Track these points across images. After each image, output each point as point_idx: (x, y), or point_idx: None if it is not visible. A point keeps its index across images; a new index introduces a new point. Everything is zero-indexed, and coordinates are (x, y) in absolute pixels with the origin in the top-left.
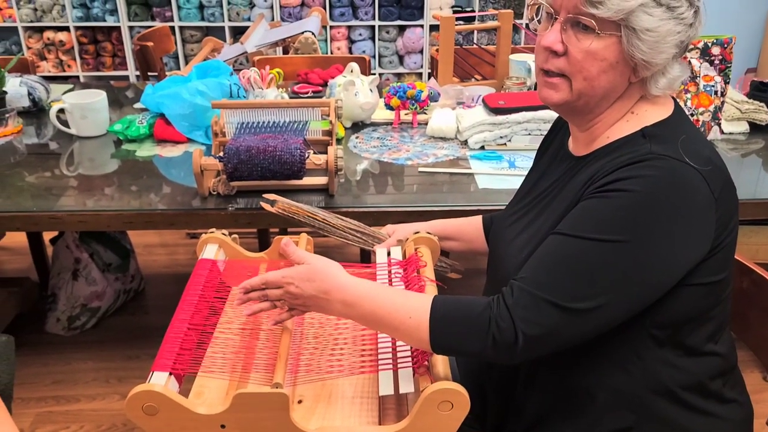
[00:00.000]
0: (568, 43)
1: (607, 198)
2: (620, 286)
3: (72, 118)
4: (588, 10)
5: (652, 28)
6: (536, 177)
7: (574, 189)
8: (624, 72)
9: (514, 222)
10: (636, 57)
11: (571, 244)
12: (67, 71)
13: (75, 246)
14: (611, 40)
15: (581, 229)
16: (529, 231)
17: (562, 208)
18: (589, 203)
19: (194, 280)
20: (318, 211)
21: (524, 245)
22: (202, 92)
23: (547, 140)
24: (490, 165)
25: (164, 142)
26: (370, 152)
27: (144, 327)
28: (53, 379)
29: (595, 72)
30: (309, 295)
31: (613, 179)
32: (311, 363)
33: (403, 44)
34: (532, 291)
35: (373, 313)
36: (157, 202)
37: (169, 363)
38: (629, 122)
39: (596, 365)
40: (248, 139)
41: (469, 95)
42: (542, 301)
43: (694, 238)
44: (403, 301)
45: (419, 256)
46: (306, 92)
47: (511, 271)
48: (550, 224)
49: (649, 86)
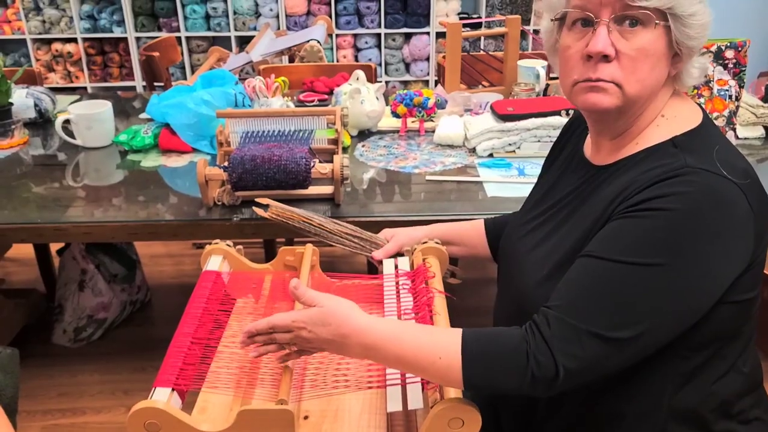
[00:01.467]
0: (617, 45)
1: (643, 218)
2: (662, 310)
3: (77, 128)
4: (636, 3)
5: (695, 12)
6: (548, 184)
7: (601, 203)
8: (667, 65)
9: (529, 232)
10: (684, 45)
11: (608, 269)
12: (75, 82)
13: (81, 257)
14: (660, 31)
15: (618, 252)
16: (548, 244)
17: (587, 224)
18: (623, 223)
19: (198, 292)
20: (313, 216)
21: (544, 259)
22: (207, 102)
23: (558, 145)
24: (499, 173)
25: (169, 152)
26: (376, 161)
27: (150, 338)
28: (59, 391)
29: (647, 70)
30: (324, 339)
31: (648, 197)
32: (317, 378)
33: (410, 52)
34: (570, 322)
35: (397, 356)
36: (163, 212)
37: (171, 378)
38: (659, 127)
39: (625, 390)
40: (253, 149)
41: (476, 102)
42: (583, 333)
43: (735, 255)
44: (429, 339)
45: (427, 267)
46: (312, 101)
47: (528, 284)
48: (575, 239)
49: (684, 78)
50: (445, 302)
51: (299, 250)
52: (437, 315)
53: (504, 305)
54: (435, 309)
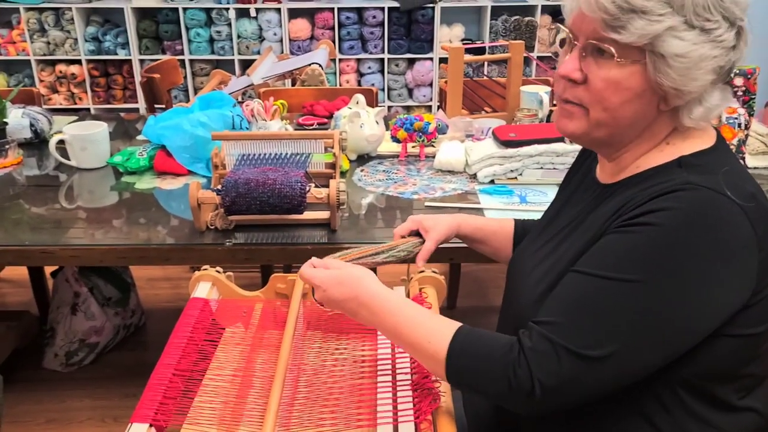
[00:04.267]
0: (587, 71)
1: (630, 233)
2: (637, 331)
3: (72, 149)
4: (608, 35)
5: (683, 54)
6: (559, 205)
7: (599, 220)
8: (651, 100)
9: (534, 252)
10: (664, 85)
11: (588, 284)
12: (78, 104)
13: (74, 280)
14: (634, 68)
15: (599, 266)
16: (547, 262)
17: (584, 240)
18: (612, 238)
19: (184, 320)
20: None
21: (541, 278)
22: (204, 123)
23: (574, 168)
24: (500, 200)
25: (164, 175)
26: (375, 186)
27: (143, 364)
28: (47, 417)
29: (617, 102)
30: (338, 299)
31: (641, 212)
32: (302, 414)
33: (413, 77)
34: (548, 336)
35: (394, 328)
36: (155, 236)
37: (150, 413)
38: (663, 152)
39: (622, 419)
40: (247, 172)
41: (478, 127)
42: (559, 348)
43: (732, 281)
44: (426, 322)
45: (424, 298)
46: (311, 124)
47: (525, 303)
48: (571, 256)
49: (682, 116)
50: None
51: (291, 277)
52: None
53: (504, 322)
54: None
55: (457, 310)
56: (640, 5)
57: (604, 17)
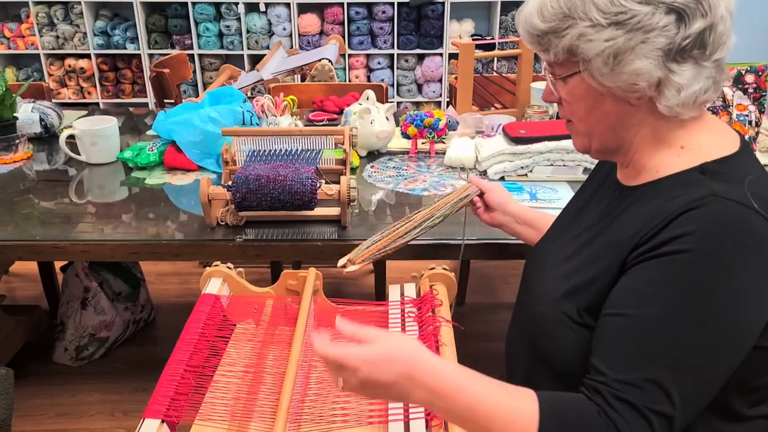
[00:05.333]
0: (555, 92)
1: (666, 264)
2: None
3: (82, 144)
4: (545, 57)
5: (600, 52)
6: (581, 204)
7: (624, 232)
8: (617, 101)
9: (557, 248)
10: (609, 85)
11: (640, 327)
12: (87, 98)
13: (84, 274)
14: (578, 78)
15: (642, 305)
16: (571, 264)
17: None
18: (647, 272)
19: (195, 316)
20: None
21: (564, 278)
22: (214, 119)
23: (596, 168)
24: None
25: (174, 170)
26: (385, 182)
27: (153, 358)
28: (57, 411)
29: (584, 111)
30: (385, 382)
31: (669, 237)
32: (314, 411)
33: (422, 73)
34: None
35: (468, 410)
36: (165, 231)
37: (161, 409)
38: (680, 157)
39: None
40: (258, 168)
41: (488, 124)
42: (646, 411)
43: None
44: (506, 398)
45: (434, 295)
46: (321, 120)
47: (546, 300)
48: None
49: (659, 105)
50: (452, 332)
51: (302, 274)
52: (444, 346)
53: (520, 316)
54: (441, 340)
55: (466, 306)
56: (546, 27)
57: (534, 46)
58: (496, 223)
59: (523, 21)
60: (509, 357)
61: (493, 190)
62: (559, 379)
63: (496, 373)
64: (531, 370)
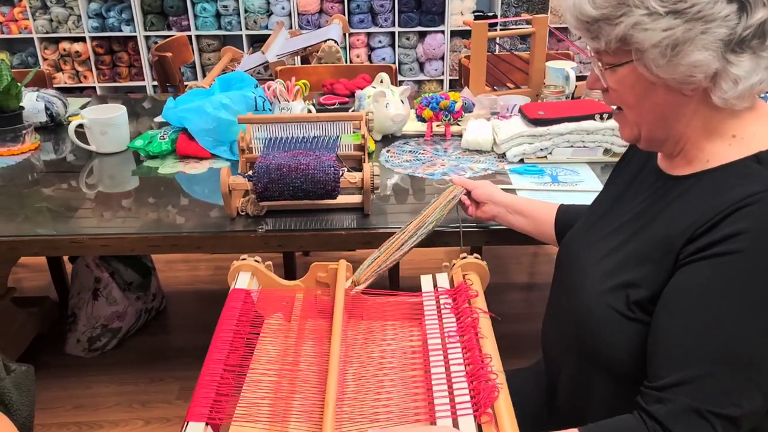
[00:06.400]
0: (603, 80)
1: (721, 265)
2: None
3: (91, 134)
4: (594, 44)
5: (657, 43)
6: (616, 193)
7: (673, 226)
8: (669, 91)
9: (595, 242)
10: (660, 76)
11: (710, 331)
12: (83, 82)
13: (95, 265)
14: (629, 67)
15: (698, 305)
16: (617, 257)
17: (660, 248)
18: (704, 273)
19: (228, 313)
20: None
21: (612, 272)
22: (227, 105)
23: (628, 155)
24: (532, 180)
25: (187, 158)
26: (403, 167)
27: (167, 348)
28: (74, 403)
29: (633, 100)
30: None
31: (724, 235)
32: (353, 410)
33: (424, 51)
34: (690, 405)
35: None
36: (183, 223)
37: (204, 412)
38: (732, 146)
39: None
40: (278, 157)
41: (503, 105)
42: (708, 415)
43: None
44: None
45: (468, 285)
46: (332, 104)
47: (589, 296)
48: (646, 261)
49: (713, 96)
50: (490, 324)
51: (332, 266)
52: (484, 338)
53: (558, 316)
54: (481, 332)
55: None
56: (598, 14)
57: (582, 33)
58: (489, 217)
59: (571, 6)
60: (550, 353)
61: (479, 186)
62: (613, 378)
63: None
64: (580, 369)
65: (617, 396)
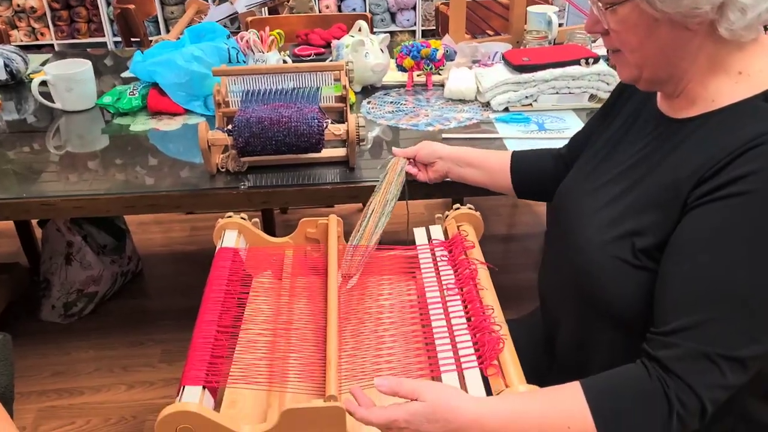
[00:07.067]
0: (604, 22)
1: (732, 207)
2: None
3: (56, 91)
4: None
5: None
6: (614, 139)
7: (680, 170)
8: (674, 27)
9: (593, 191)
10: (664, 11)
11: (713, 274)
12: (40, 39)
13: (66, 228)
14: (629, 5)
15: (706, 249)
16: (619, 206)
17: (665, 194)
18: (713, 217)
19: (216, 273)
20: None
21: (614, 221)
22: (199, 58)
23: (618, 98)
24: (518, 128)
25: (160, 115)
26: (385, 118)
27: (145, 311)
28: (53, 370)
29: (636, 42)
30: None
31: (733, 177)
32: (354, 367)
33: (395, 0)
34: (698, 348)
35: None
36: (159, 182)
37: (201, 375)
38: (738, 84)
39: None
40: (259, 110)
41: (485, 53)
42: (716, 357)
43: None
44: (552, 410)
45: (464, 236)
46: (308, 54)
47: (590, 247)
48: (651, 207)
49: (720, 28)
50: (489, 275)
51: (322, 221)
52: (484, 290)
53: (557, 266)
54: (480, 283)
55: None
56: None
57: None
58: (442, 174)
59: None
60: (549, 304)
61: (420, 148)
62: (618, 331)
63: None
64: (584, 322)
65: (622, 348)
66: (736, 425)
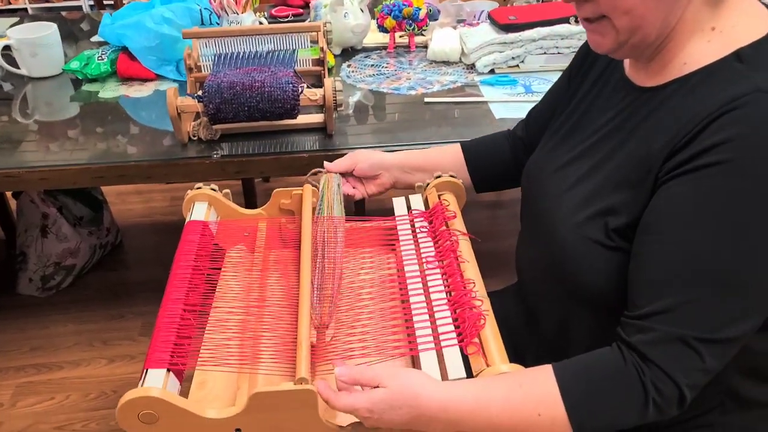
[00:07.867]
0: None
1: (705, 179)
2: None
3: (20, 56)
4: None
5: None
6: (579, 110)
7: (651, 142)
8: None
9: (564, 165)
10: None
11: (680, 251)
12: (12, 3)
13: (41, 200)
14: None
15: (688, 227)
16: (589, 183)
17: (637, 167)
18: (686, 191)
19: (184, 247)
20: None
21: (585, 200)
22: (169, 20)
23: (586, 61)
24: (504, 91)
25: (130, 80)
26: (366, 82)
27: (125, 283)
28: (31, 345)
29: (631, 2)
30: (397, 423)
31: (706, 146)
32: (326, 346)
33: None
34: (673, 332)
35: (490, 425)
36: (130, 151)
37: (165, 357)
38: (711, 42)
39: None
40: (230, 74)
41: (470, 12)
42: (693, 341)
43: None
44: (521, 395)
45: (445, 206)
46: (285, 15)
47: (567, 226)
48: (623, 183)
49: None
50: (470, 246)
51: (296, 191)
52: (465, 263)
53: (532, 245)
54: (461, 256)
55: None
56: None
57: None
58: (385, 188)
59: None
60: (526, 279)
61: (357, 158)
62: (596, 313)
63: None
64: (561, 302)
65: (602, 330)
66: (723, 401)
